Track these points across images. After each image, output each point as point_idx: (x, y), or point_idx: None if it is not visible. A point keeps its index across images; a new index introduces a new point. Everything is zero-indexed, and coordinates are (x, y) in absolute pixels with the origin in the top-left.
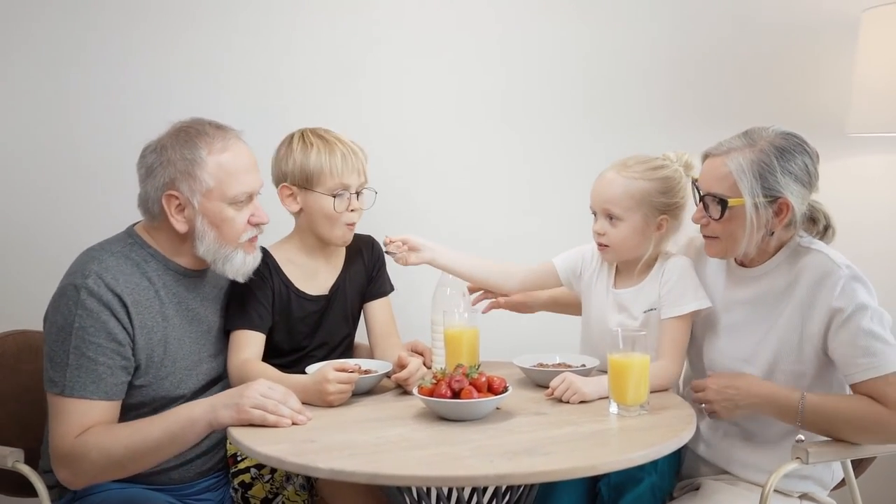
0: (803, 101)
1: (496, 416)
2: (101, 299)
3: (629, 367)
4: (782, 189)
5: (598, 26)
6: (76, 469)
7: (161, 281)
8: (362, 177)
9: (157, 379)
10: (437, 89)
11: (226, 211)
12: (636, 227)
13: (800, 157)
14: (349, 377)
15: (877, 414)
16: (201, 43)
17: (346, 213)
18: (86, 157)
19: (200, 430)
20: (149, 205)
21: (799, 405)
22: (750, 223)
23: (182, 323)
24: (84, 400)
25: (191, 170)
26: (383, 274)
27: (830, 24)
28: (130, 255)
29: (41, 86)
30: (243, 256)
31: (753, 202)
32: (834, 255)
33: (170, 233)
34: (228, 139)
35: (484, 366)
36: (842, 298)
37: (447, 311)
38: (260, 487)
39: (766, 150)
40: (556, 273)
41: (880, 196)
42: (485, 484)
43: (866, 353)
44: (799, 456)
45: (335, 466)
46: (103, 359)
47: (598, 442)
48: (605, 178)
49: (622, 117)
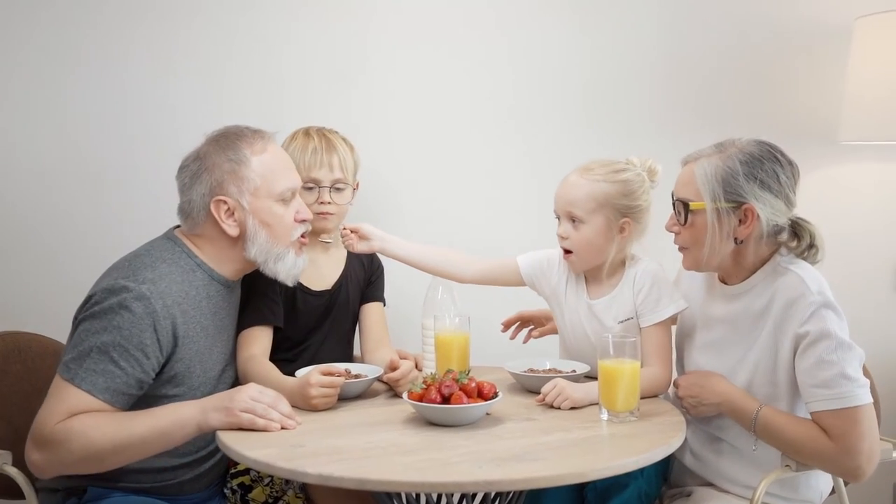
0: (796, 108)
1: (486, 422)
2: (150, 307)
3: (620, 374)
4: (745, 194)
5: (596, 33)
6: (51, 455)
7: (205, 291)
8: (337, 172)
9: (190, 389)
10: (438, 91)
11: (275, 208)
12: (598, 230)
13: (768, 164)
14: (332, 381)
15: (820, 444)
16: (199, 44)
17: (315, 206)
18: (81, 159)
19: (189, 432)
20: (193, 213)
21: (754, 414)
22: (712, 228)
23: (215, 332)
24: (87, 394)
25: (237, 170)
26: (381, 282)
27: (823, 32)
28: (179, 262)
29: (40, 87)
30: (294, 257)
31: (714, 206)
32: (810, 278)
33: (217, 240)
34: (267, 139)
35: (474, 371)
36: (808, 323)
37: (438, 315)
38: (260, 491)
39: (732, 155)
40: (518, 271)
41: (872, 204)
42: (473, 490)
43: (822, 384)
44: (788, 464)
45: (324, 471)
46: (124, 364)
47: (588, 448)
48: (567, 181)
49: (616, 122)
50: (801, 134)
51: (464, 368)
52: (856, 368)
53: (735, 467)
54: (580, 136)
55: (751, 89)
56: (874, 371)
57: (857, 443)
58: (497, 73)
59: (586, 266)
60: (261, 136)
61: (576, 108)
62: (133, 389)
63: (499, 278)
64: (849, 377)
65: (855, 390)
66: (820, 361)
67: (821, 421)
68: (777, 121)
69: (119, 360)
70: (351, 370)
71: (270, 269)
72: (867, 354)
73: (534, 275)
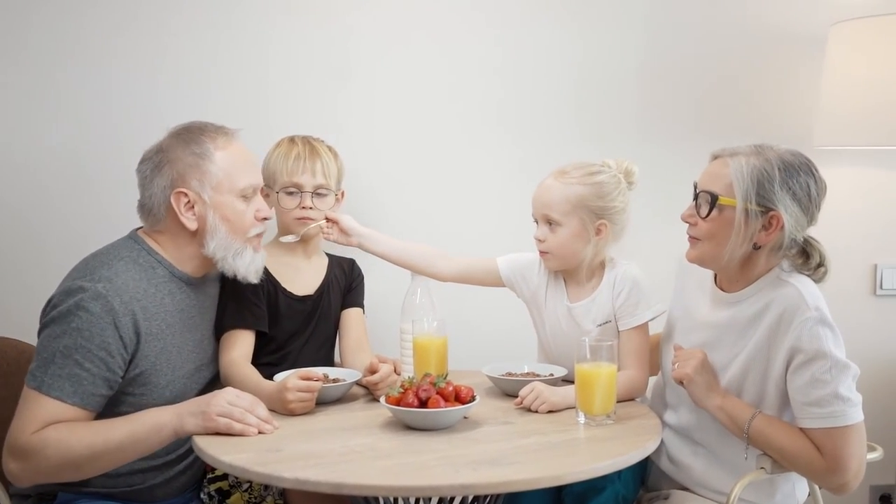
0: (771, 113)
1: (463, 426)
2: (107, 305)
3: (596, 378)
4: (777, 202)
5: (580, 38)
6: (28, 464)
7: (167, 288)
8: (319, 178)
9: (157, 388)
10: (423, 93)
11: (236, 204)
12: (574, 232)
13: (804, 177)
14: (309, 385)
15: (810, 458)
16: (190, 46)
17: (297, 211)
18: (72, 163)
19: (165, 437)
20: (153, 208)
21: (749, 419)
22: (737, 228)
23: (182, 331)
24: (58, 401)
25: (199, 164)
26: (361, 289)
27: (798, 39)
28: (138, 260)
29: (30, 89)
30: (252, 253)
31: (745, 206)
32: (808, 293)
33: (176, 235)
34: (230, 135)
35: (452, 375)
36: (803, 340)
37: (416, 319)
38: (238, 497)
39: (771, 160)
40: (498, 272)
41: (847, 209)
42: (450, 494)
43: (816, 403)
44: (763, 466)
45: (300, 476)
46: (89, 365)
47: (565, 452)
48: (544, 184)
49: (600, 126)
50: (776, 139)
51: (442, 372)
52: (849, 387)
53: (712, 473)
54: (565, 139)
55: (727, 94)
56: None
57: (847, 461)
58: (483, 77)
59: (562, 266)
60: (224, 132)
61: (561, 112)
62: (102, 390)
63: (477, 277)
64: (842, 397)
65: (847, 410)
66: (814, 380)
67: (811, 438)
68: (752, 126)
69: (83, 363)
70: (329, 374)
71: (229, 265)
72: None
73: (513, 277)
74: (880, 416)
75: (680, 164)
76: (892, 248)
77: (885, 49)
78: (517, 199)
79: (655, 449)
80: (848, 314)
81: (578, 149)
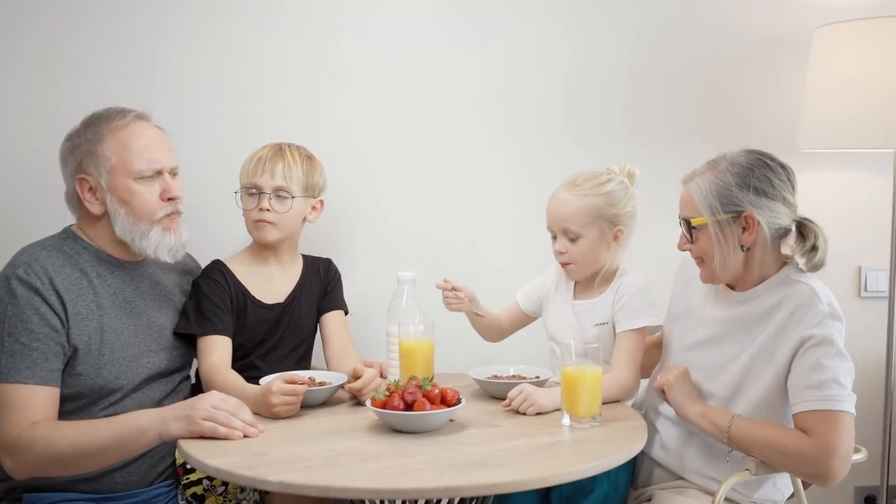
0: (755, 116)
1: (449, 428)
2: (32, 286)
3: (581, 380)
4: (742, 203)
5: (567, 42)
6: (20, 459)
7: (95, 271)
8: (279, 180)
9: (94, 368)
10: (411, 98)
11: (132, 185)
12: (594, 241)
13: (759, 171)
14: (294, 389)
15: (797, 443)
16: (183, 48)
17: (255, 212)
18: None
19: (149, 441)
20: (70, 194)
21: (728, 422)
22: (717, 241)
23: (119, 314)
24: (21, 385)
25: (93, 149)
26: (338, 290)
27: (783, 42)
28: (63, 248)
29: (22, 90)
30: (161, 233)
31: (715, 220)
32: (821, 290)
33: (90, 220)
34: (128, 117)
35: (438, 378)
36: (815, 328)
37: (402, 322)
38: (213, 500)
39: (724, 169)
40: (521, 309)
41: (831, 212)
42: (436, 497)
43: (816, 386)
44: (748, 467)
45: (286, 479)
46: (37, 344)
47: (550, 454)
48: (558, 198)
49: (587, 130)
50: (760, 142)
51: (428, 375)
52: (848, 379)
53: (704, 460)
54: (554, 142)
55: (711, 98)
56: None
57: (836, 446)
58: (471, 80)
59: (586, 275)
60: (123, 115)
61: (549, 115)
62: (56, 363)
63: (518, 324)
64: (840, 384)
65: (844, 396)
66: (817, 364)
67: (804, 421)
68: (737, 129)
69: (31, 343)
70: (315, 378)
71: (138, 246)
72: None
73: (535, 308)
74: (865, 418)
75: (667, 167)
76: (876, 250)
77: (868, 52)
78: (508, 201)
79: (646, 441)
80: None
81: (567, 152)
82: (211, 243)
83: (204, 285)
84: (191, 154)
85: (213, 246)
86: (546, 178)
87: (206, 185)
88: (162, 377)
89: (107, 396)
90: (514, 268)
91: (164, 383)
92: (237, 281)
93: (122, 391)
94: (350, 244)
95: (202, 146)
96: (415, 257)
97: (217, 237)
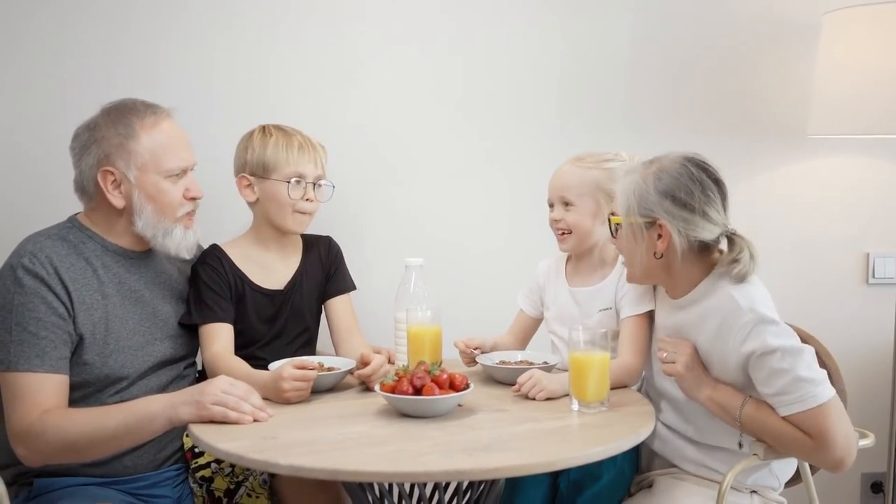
0: (764, 103)
1: (457, 413)
2: (37, 275)
3: (589, 365)
4: (656, 211)
5: (568, 30)
6: (32, 447)
7: (100, 261)
8: (319, 169)
9: (100, 357)
10: (409, 89)
11: (162, 184)
12: (590, 211)
13: (684, 181)
14: (305, 374)
15: (801, 440)
16: (189, 41)
17: (300, 202)
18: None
19: (159, 426)
20: (84, 184)
21: (740, 405)
22: (629, 241)
23: (124, 303)
24: (31, 374)
25: (125, 144)
26: (342, 272)
27: (791, 27)
28: (67, 237)
29: (28, 79)
30: (183, 231)
31: (629, 221)
32: (741, 295)
33: (107, 212)
34: (160, 115)
35: (446, 363)
36: (749, 342)
37: (410, 308)
38: (221, 480)
39: (652, 172)
40: (527, 314)
41: (840, 197)
42: (444, 480)
43: (783, 392)
44: (756, 452)
45: (295, 463)
46: (45, 332)
47: (558, 438)
48: (560, 170)
49: (588, 119)
50: (769, 129)
51: (436, 360)
52: (808, 367)
53: (701, 451)
54: (553, 134)
55: (720, 85)
56: (844, 364)
57: (832, 437)
58: (477, 70)
59: (579, 247)
60: (154, 111)
61: (549, 106)
62: (64, 351)
63: (529, 330)
64: (804, 379)
65: (812, 390)
66: (772, 372)
67: (794, 423)
68: (746, 116)
69: (39, 331)
70: (324, 363)
71: (160, 243)
72: (837, 348)
73: (537, 308)
74: (872, 404)
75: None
76: (884, 236)
77: (878, 37)
78: (516, 188)
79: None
80: (840, 302)
81: (570, 141)
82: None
83: (202, 272)
84: (202, 142)
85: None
86: (554, 164)
87: (219, 175)
88: (168, 365)
89: (113, 385)
90: (521, 254)
91: (170, 370)
92: (235, 267)
93: (129, 379)
94: (358, 231)
95: (214, 134)
96: (422, 244)
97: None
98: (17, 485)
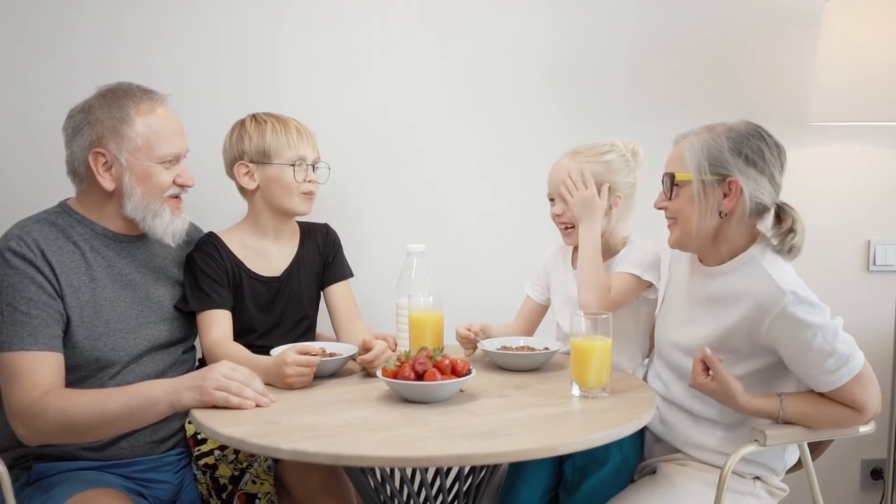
0: (766, 90)
1: (459, 399)
2: (24, 257)
3: (591, 350)
4: (730, 167)
5: (569, 18)
6: (31, 426)
7: (88, 245)
8: (316, 152)
9: (90, 340)
10: (407, 77)
11: (153, 169)
12: None
13: (754, 141)
14: (308, 360)
15: (842, 413)
16: (190, 24)
17: (304, 184)
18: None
19: (161, 411)
20: (75, 166)
21: (778, 410)
22: (697, 200)
23: (114, 286)
24: (25, 352)
25: (119, 128)
26: (340, 258)
27: (793, 15)
28: (56, 221)
29: (28, 72)
30: (170, 215)
31: (700, 178)
32: (780, 276)
33: (97, 195)
34: (155, 101)
35: (448, 349)
36: (789, 324)
37: (412, 294)
38: (225, 467)
39: (720, 132)
40: (534, 301)
41: (842, 184)
42: (446, 464)
43: (824, 371)
44: (757, 438)
45: (298, 447)
46: (36, 311)
47: (559, 423)
48: (558, 164)
49: (588, 108)
50: (771, 116)
51: (437, 346)
52: (844, 341)
53: (704, 434)
54: (552, 122)
55: (721, 72)
56: None
57: (869, 400)
58: (482, 57)
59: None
60: (150, 96)
61: (548, 95)
62: (57, 329)
63: (536, 317)
64: (844, 354)
65: (851, 363)
66: (813, 351)
67: (834, 398)
68: (748, 103)
69: (30, 311)
70: (326, 349)
71: (148, 225)
72: None
73: (543, 294)
74: None
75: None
76: (885, 224)
77: (879, 25)
78: (518, 174)
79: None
80: (841, 290)
81: (576, 126)
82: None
83: (199, 259)
84: (199, 132)
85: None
86: (555, 152)
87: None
88: (163, 349)
89: (105, 368)
90: (523, 239)
91: (166, 354)
92: (231, 254)
93: (121, 363)
94: (359, 217)
95: (212, 121)
96: (424, 230)
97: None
98: (16, 468)
